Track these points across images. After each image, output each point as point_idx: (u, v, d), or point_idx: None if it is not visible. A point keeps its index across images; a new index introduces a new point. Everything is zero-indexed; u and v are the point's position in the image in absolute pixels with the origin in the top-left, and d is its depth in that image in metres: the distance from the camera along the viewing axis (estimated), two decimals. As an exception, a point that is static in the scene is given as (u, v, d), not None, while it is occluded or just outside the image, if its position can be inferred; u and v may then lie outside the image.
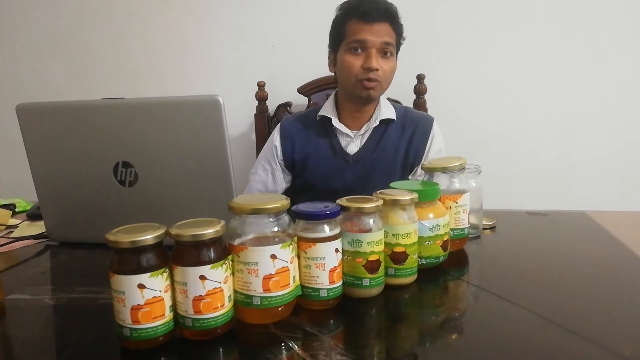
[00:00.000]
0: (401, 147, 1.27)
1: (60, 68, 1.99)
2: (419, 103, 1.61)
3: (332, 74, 1.30)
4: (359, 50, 1.17)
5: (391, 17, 1.18)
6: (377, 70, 1.15)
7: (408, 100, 1.61)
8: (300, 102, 1.68)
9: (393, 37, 1.18)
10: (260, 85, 1.71)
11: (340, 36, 1.21)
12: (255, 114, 1.73)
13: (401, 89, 1.63)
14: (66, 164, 0.84)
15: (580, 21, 1.61)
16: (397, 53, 1.24)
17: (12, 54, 2.02)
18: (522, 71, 1.67)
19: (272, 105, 1.74)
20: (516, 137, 1.71)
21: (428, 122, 1.30)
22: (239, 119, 1.81)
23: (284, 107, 1.72)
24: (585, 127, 1.67)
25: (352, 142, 1.28)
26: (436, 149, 1.28)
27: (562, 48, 1.64)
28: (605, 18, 1.60)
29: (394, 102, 1.38)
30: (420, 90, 1.62)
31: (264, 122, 1.69)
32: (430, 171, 0.77)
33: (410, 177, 1.28)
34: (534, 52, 1.65)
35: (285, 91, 1.73)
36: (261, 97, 1.71)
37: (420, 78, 1.62)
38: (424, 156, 1.27)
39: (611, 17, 1.59)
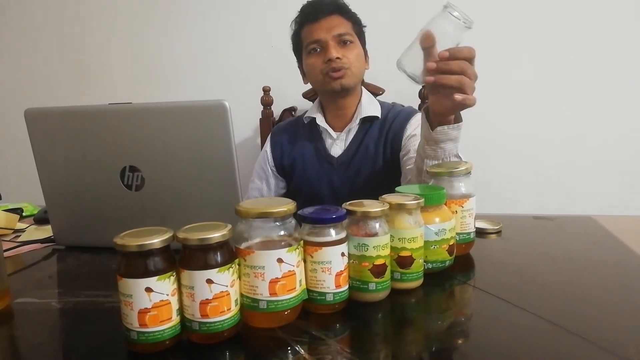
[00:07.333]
0: (380, 145, 1.21)
1: (66, 73, 2.01)
2: (424, 108, 1.61)
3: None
4: (318, 50, 1.17)
5: (338, 9, 1.18)
6: (338, 58, 1.14)
7: (414, 105, 1.60)
8: (305, 107, 1.69)
9: (348, 26, 1.18)
10: (266, 90, 1.72)
11: (299, 46, 1.23)
12: (260, 119, 1.74)
13: (407, 94, 1.64)
14: (73, 168, 0.85)
15: (590, 24, 1.61)
16: (362, 41, 1.22)
17: (19, 59, 2.05)
18: (529, 75, 1.67)
19: (277, 110, 1.75)
20: (522, 141, 1.71)
21: (411, 112, 1.25)
22: (244, 123, 1.82)
23: (289, 112, 1.73)
24: (592, 131, 1.66)
25: (336, 144, 1.25)
26: (414, 128, 1.18)
27: (571, 52, 1.63)
28: (616, 21, 1.59)
29: (383, 101, 1.33)
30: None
31: (269, 126, 1.70)
32: (436, 175, 0.77)
33: (402, 167, 1.17)
34: (542, 56, 1.65)
35: (290, 96, 1.73)
36: (266, 102, 1.72)
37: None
38: (403, 140, 1.18)
39: (622, 21, 1.59)
